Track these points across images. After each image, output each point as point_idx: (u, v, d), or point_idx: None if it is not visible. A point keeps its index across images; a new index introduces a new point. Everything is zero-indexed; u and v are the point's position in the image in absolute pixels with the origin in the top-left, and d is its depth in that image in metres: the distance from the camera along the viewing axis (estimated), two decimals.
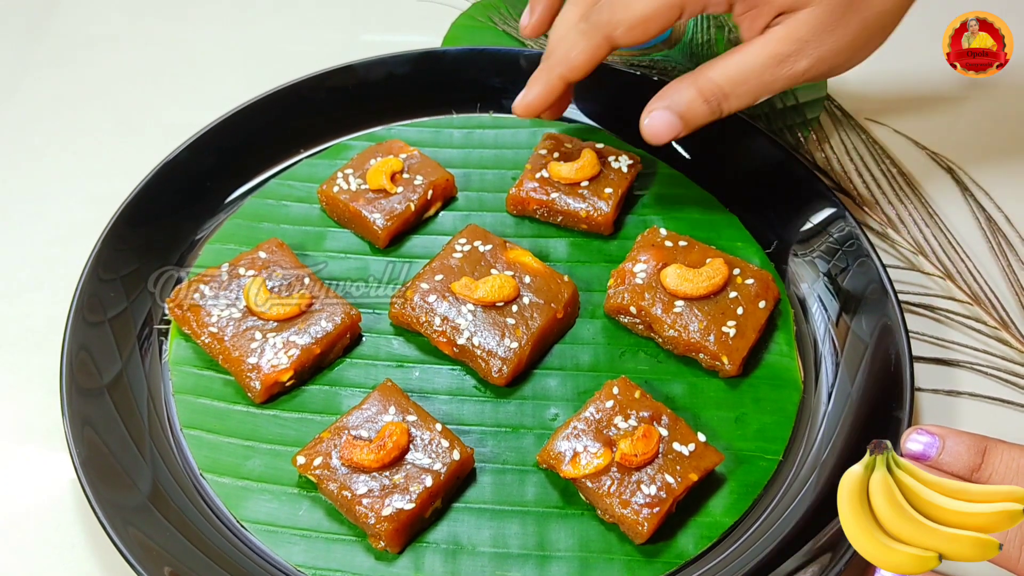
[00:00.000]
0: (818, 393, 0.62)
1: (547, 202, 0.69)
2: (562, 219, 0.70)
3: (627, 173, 0.70)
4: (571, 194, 0.69)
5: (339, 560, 0.54)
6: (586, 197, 0.68)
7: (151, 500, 0.55)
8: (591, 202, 0.68)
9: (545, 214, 0.70)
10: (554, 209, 0.69)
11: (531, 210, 0.70)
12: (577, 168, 0.69)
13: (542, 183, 0.69)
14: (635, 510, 0.53)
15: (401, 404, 0.58)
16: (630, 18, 0.60)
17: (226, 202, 0.73)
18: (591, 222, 0.69)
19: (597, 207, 0.68)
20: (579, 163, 0.69)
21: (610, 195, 0.68)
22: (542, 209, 0.70)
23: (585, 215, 0.68)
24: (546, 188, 0.69)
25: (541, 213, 0.70)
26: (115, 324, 0.63)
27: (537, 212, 0.70)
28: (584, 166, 0.69)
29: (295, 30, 0.95)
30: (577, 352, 0.64)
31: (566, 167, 0.69)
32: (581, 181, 0.69)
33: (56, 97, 0.87)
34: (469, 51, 0.80)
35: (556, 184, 0.69)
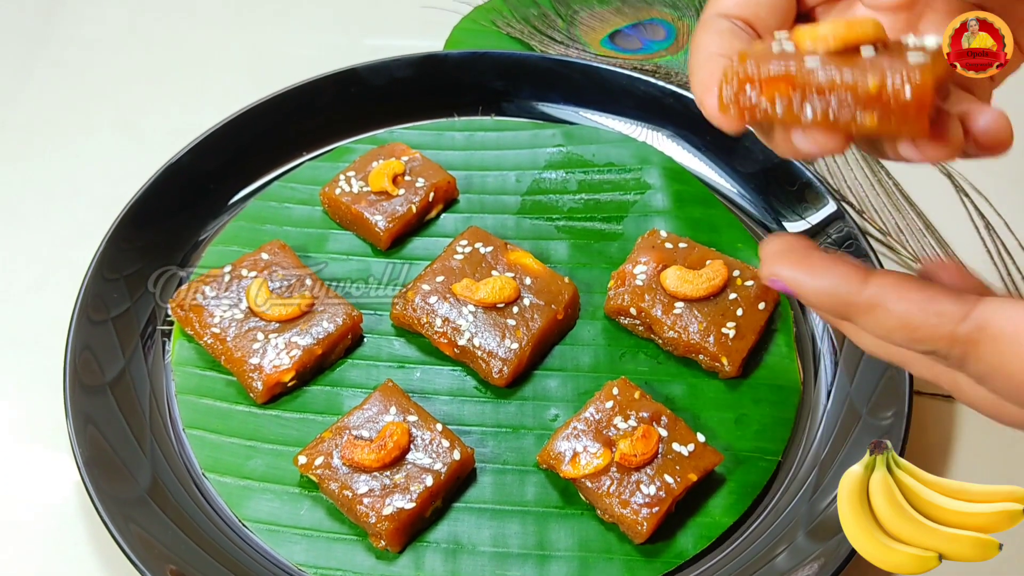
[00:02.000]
0: (817, 394, 0.62)
1: (797, 77, 0.36)
2: (827, 109, 0.37)
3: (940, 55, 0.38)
4: (844, 61, 0.37)
5: (340, 559, 0.55)
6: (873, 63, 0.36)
7: (154, 499, 0.55)
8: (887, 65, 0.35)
9: (789, 109, 0.37)
10: (811, 87, 0.36)
11: (760, 109, 0.38)
12: (848, 23, 0.38)
13: (784, 55, 0.37)
14: (634, 510, 0.53)
15: (402, 404, 0.58)
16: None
17: (229, 204, 0.73)
18: (889, 101, 0.35)
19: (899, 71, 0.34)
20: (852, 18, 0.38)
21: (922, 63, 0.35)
22: (785, 97, 0.37)
23: (877, 85, 0.34)
24: (795, 55, 0.37)
25: (782, 110, 0.37)
26: (118, 323, 0.63)
27: (775, 106, 0.37)
28: (860, 21, 0.38)
29: (298, 34, 0.95)
30: (577, 353, 0.64)
31: (826, 25, 0.38)
32: (859, 43, 0.37)
33: (60, 100, 0.87)
34: (471, 54, 0.80)
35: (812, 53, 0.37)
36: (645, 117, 0.77)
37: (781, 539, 0.54)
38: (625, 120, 0.78)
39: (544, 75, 0.79)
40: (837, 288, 0.35)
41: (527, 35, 0.91)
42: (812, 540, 0.52)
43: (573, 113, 0.79)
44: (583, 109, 0.79)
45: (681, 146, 0.76)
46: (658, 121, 0.77)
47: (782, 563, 0.52)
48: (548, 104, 0.79)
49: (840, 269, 0.35)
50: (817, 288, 0.36)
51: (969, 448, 0.62)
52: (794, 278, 0.36)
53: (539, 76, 0.79)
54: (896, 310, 0.34)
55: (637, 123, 0.78)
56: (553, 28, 0.92)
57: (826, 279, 0.35)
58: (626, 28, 0.93)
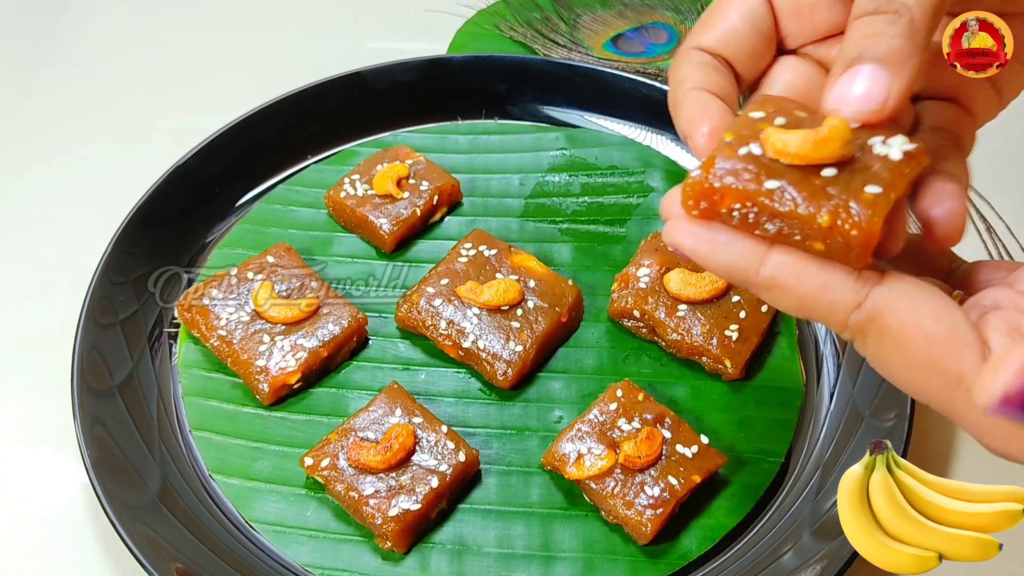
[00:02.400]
0: (820, 396, 0.62)
1: (755, 195, 0.35)
2: (780, 228, 0.35)
3: (903, 167, 0.35)
4: (802, 184, 0.34)
5: (346, 560, 0.55)
6: (828, 193, 0.34)
7: (161, 499, 0.56)
8: (839, 200, 0.34)
9: (746, 221, 0.35)
10: (767, 210, 0.35)
11: (720, 214, 0.36)
12: (815, 140, 0.35)
13: (748, 164, 0.35)
14: (639, 511, 0.54)
15: (407, 406, 0.59)
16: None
17: (235, 207, 0.74)
18: (836, 237, 0.34)
19: (850, 210, 0.34)
20: (821, 132, 0.35)
21: (875, 197, 0.34)
22: (743, 211, 0.35)
23: (828, 222, 0.34)
24: (757, 170, 0.35)
25: (739, 220, 0.35)
26: (126, 326, 0.63)
27: (733, 216, 0.35)
28: (828, 138, 0.35)
29: (302, 38, 0.96)
30: (581, 355, 0.65)
31: (794, 137, 0.35)
32: (822, 164, 0.35)
33: (66, 103, 0.88)
34: (475, 58, 0.81)
35: (774, 164, 0.35)
36: (648, 120, 0.78)
37: (785, 540, 0.54)
38: (628, 123, 0.78)
39: (547, 79, 0.79)
40: (735, 266, 0.35)
41: (530, 39, 0.91)
42: (816, 540, 0.53)
43: (576, 116, 0.79)
44: (586, 112, 0.79)
45: (684, 149, 0.76)
46: (661, 124, 0.77)
47: (787, 564, 0.52)
48: (551, 107, 0.80)
49: (738, 246, 0.35)
50: (716, 264, 0.36)
51: (972, 450, 0.62)
52: (694, 251, 0.36)
53: (542, 79, 0.79)
54: (793, 292, 0.35)
55: (640, 126, 0.78)
56: (556, 32, 0.92)
57: (724, 255, 0.35)
58: (629, 32, 0.93)
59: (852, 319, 0.34)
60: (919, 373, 0.34)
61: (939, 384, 0.33)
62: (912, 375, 0.34)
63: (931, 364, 0.33)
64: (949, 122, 0.41)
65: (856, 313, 0.34)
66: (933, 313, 0.33)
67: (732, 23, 0.41)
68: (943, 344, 0.33)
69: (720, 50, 0.41)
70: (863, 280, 0.34)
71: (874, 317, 0.34)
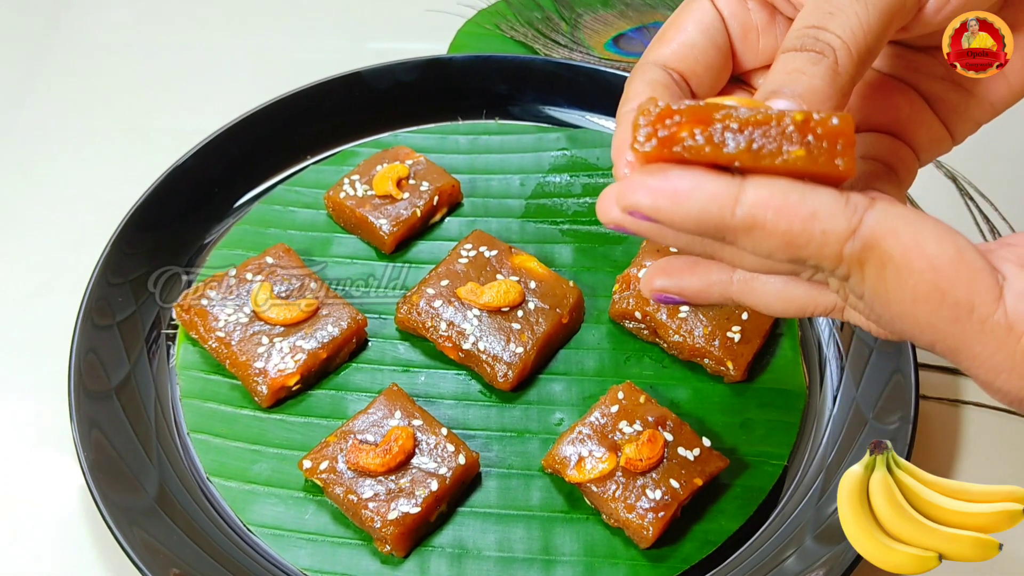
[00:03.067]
0: (823, 398, 0.62)
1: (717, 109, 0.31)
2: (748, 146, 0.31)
3: None
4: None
5: (345, 564, 0.55)
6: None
7: (158, 503, 0.55)
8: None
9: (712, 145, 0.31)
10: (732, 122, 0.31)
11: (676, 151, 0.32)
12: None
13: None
14: (640, 514, 0.53)
15: (407, 408, 0.58)
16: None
17: (233, 207, 0.73)
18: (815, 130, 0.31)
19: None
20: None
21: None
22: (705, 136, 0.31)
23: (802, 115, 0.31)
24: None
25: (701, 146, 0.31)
26: (123, 328, 0.63)
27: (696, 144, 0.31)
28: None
29: (302, 38, 0.95)
30: (582, 357, 0.64)
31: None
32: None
33: (65, 104, 0.87)
34: (475, 58, 0.80)
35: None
36: None
37: (788, 544, 0.54)
38: None
39: (548, 79, 0.79)
40: (707, 211, 0.31)
41: (531, 39, 0.91)
42: (820, 545, 0.52)
43: (578, 117, 0.79)
44: (587, 113, 0.79)
45: None
46: None
47: (790, 568, 0.52)
48: (552, 108, 0.79)
49: (706, 188, 0.30)
50: (684, 217, 0.31)
51: (975, 453, 0.62)
52: (655, 207, 0.31)
53: (543, 80, 0.79)
54: (777, 229, 0.30)
55: None
56: (557, 32, 0.92)
57: (693, 202, 0.31)
58: (630, 31, 0.93)
59: (847, 249, 0.30)
60: (925, 304, 0.31)
61: (948, 316, 0.31)
62: (917, 308, 0.31)
63: (939, 292, 0.30)
64: (882, 152, 0.40)
65: (851, 242, 0.30)
66: (936, 236, 0.31)
67: (689, 36, 0.39)
68: (950, 270, 0.30)
69: (677, 64, 0.39)
70: (853, 204, 0.31)
71: (872, 244, 0.30)
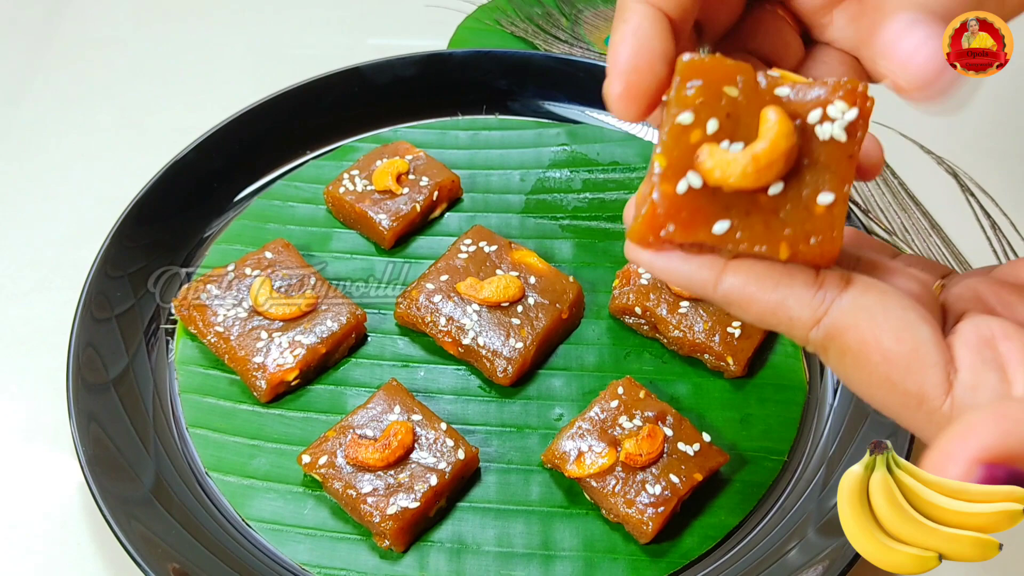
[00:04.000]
0: (823, 394, 0.62)
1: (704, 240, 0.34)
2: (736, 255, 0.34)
3: (850, 147, 0.33)
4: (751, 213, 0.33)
5: (344, 559, 0.55)
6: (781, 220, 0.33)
7: (156, 497, 0.55)
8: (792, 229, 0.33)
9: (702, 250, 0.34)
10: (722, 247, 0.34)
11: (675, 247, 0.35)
12: (756, 169, 0.32)
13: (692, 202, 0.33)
14: (640, 509, 0.53)
15: (406, 403, 0.58)
16: None
17: (233, 202, 0.73)
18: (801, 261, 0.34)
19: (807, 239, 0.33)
20: (759, 153, 0.32)
21: (828, 209, 0.33)
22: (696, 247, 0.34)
23: (787, 255, 0.33)
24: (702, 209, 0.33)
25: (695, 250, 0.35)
26: (122, 321, 0.63)
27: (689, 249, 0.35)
28: (770, 161, 0.32)
29: (302, 33, 0.95)
30: (582, 352, 0.64)
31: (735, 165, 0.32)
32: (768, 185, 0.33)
33: (65, 98, 0.87)
34: (475, 53, 0.80)
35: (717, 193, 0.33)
36: None
37: (790, 537, 0.54)
38: None
39: (548, 74, 0.79)
40: (692, 286, 0.35)
41: (531, 34, 0.91)
42: (822, 537, 0.52)
43: (577, 112, 0.79)
44: (587, 108, 0.79)
45: None
46: None
47: (792, 561, 0.52)
48: (552, 103, 0.79)
49: (692, 265, 0.34)
50: (673, 280, 0.35)
51: None
52: (651, 266, 0.35)
53: (543, 75, 0.79)
54: (750, 311, 0.34)
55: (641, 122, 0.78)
56: (557, 27, 0.92)
57: (681, 278, 0.35)
58: None
59: (812, 335, 0.34)
60: (879, 391, 0.33)
61: (899, 403, 0.33)
62: (873, 392, 0.34)
63: (890, 384, 0.33)
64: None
65: (815, 330, 0.33)
66: (895, 331, 0.32)
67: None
68: (903, 364, 0.32)
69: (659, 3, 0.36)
70: (823, 293, 0.33)
71: (833, 335, 0.33)
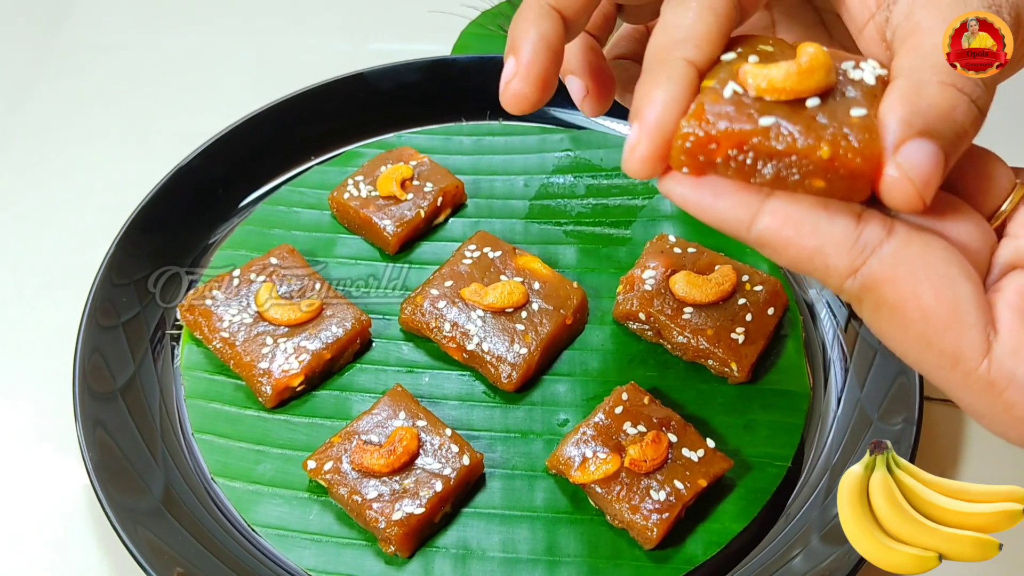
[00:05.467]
0: (827, 399, 0.62)
1: (752, 135, 0.32)
2: (778, 170, 0.33)
3: (877, 90, 0.34)
4: (794, 118, 0.33)
5: (349, 564, 0.55)
6: (820, 123, 0.32)
7: (163, 503, 0.55)
8: (834, 128, 0.32)
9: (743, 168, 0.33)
10: (764, 151, 0.32)
11: (716, 163, 0.33)
12: (799, 72, 0.33)
13: (737, 105, 0.33)
14: (644, 515, 0.53)
15: (411, 409, 0.58)
16: None
17: (238, 208, 0.73)
18: (838, 168, 0.32)
19: (847, 137, 0.32)
20: (802, 63, 0.33)
21: (863, 120, 0.32)
22: (739, 158, 0.33)
23: (829, 152, 0.32)
24: (748, 110, 0.33)
25: (735, 168, 0.33)
26: (128, 328, 0.63)
27: (730, 165, 0.33)
28: (811, 68, 0.33)
29: (305, 40, 0.95)
30: (586, 358, 0.64)
31: (777, 71, 0.33)
32: (806, 95, 0.33)
33: (68, 105, 0.88)
34: (478, 59, 0.80)
35: (760, 102, 0.33)
36: None
37: (794, 544, 0.54)
38: None
39: None
40: (726, 223, 0.33)
41: None
42: (826, 544, 0.52)
43: (581, 118, 0.79)
44: None
45: None
46: None
47: (797, 568, 0.52)
48: (556, 108, 0.79)
49: (731, 199, 0.33)
50: (708, 219, 0.34)
51: (979, 454, 0.62)
52: (684, 199, 0.34)
53: None
54: (786, 254, 0.33)
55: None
56: None
57: (715, 212, 0.33)
58: None
59: (847, 285, 0.32)
60: (913, 347, 0.32)
61: (934, 363, 0.32)
62: (907, 348, 0.32)
63: (926, 341, 0.31)
64: None
65: (851, 280, 0.32)
66: (935, 287, 0.31)
67: None
68: (941, 322, 0.31)
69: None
70: (864, 241, 0.32)
71: (870, 286, 0.32)
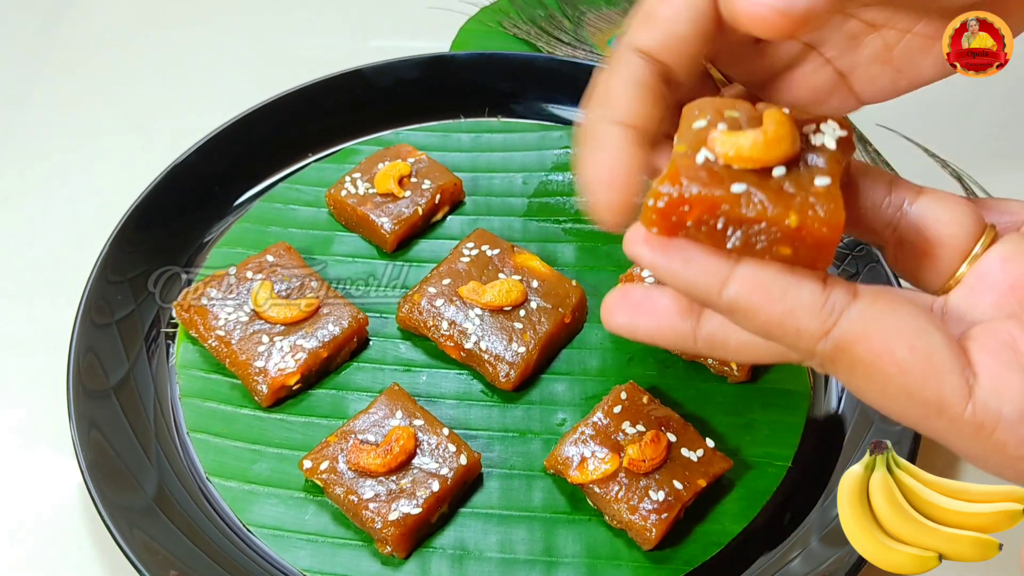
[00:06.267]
0: (827, 399, 0.61)
1: (723, 201, 0.33)
2: (746, 237, 0.33)
3: (839, 155, 0.35)
4: (762, 186, 0.33)
5: (345, 565, 0.54)
6: (787, 192, 0.33)
7: (157, 503, 0.55)
8: (801, 198, 0.33)
9: (713, 233, 0.33)
10: (733, 218, 0.33)
11: (687, 225, 0.33)
12: (766, 142, 0.34)
13: (709, 171, 0.33)
14: (643, 516, 0.53)
15: (408, 408, 0.58)
16: None
17: (234, 205, 0.73)
18: (804, 237, 0.33)
19: (814, 207, 0.33)
20: (768, 133, 0.34)
21: (827, 189, 0.33)
22: (708, 223, 0.33)
23: (797, 221, 0.32)
24: (718, 176, 0.33)
25: (705, 232, 0.33)
26: (122, 326, 0.63)
27: (700, 229, 0.33)
28: (777, 138, 0.34)
29: (304, 36, 0.95)
30: (585, 357, 0.64)
31: (744, 139, 0.34)
32: (772, 164, 0.34)
33: (66, 102, 0.87)
34: (477, 56, 0.80)
35: (729, 170, 0.34)
36: None
37: (794, 545, 0.53)
38: None
39: (551, 77, 0.79)
40: (696, 288, 0.33)
41: (534, 36, 0.91)
42: (825, 546, 0.52)
43: (580, 114, 0.79)
44: None
45: None
46: None
47: (795, 570, 0.51)
48: (555, 105, 0.79)
49: (700, 264, 0.33)
50: (676, 284, 0.33)
51: None
52: (653, 263, 0.33)
53: (546, 78, 0.79)
54: (756, 319, 0.33)
55: None
56: (560, 29, 0.91)
57: (685, 277, 0.33)
58: None
59: (820, 347, 0.32)
60: (895, 402, 0.32)
61: (919, 414, 0.32)
62: (889, 404, 0.33)
63: (908, 394, 0.32)
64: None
65: (824, 342, 0.32)
66: (907, 340, 0.31)
67: (679, 23, 0.36)
68: (920, 373, 0.31)
69: (661, 55, 0.37)
70: (831, 304, 0.32)
71: (843, 347, 0.32)
